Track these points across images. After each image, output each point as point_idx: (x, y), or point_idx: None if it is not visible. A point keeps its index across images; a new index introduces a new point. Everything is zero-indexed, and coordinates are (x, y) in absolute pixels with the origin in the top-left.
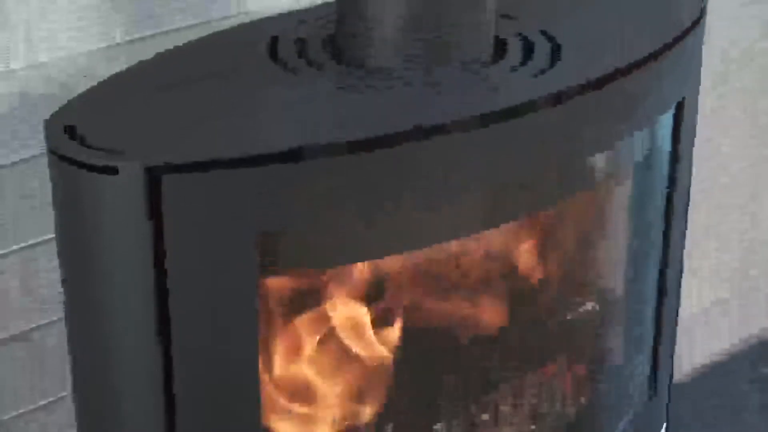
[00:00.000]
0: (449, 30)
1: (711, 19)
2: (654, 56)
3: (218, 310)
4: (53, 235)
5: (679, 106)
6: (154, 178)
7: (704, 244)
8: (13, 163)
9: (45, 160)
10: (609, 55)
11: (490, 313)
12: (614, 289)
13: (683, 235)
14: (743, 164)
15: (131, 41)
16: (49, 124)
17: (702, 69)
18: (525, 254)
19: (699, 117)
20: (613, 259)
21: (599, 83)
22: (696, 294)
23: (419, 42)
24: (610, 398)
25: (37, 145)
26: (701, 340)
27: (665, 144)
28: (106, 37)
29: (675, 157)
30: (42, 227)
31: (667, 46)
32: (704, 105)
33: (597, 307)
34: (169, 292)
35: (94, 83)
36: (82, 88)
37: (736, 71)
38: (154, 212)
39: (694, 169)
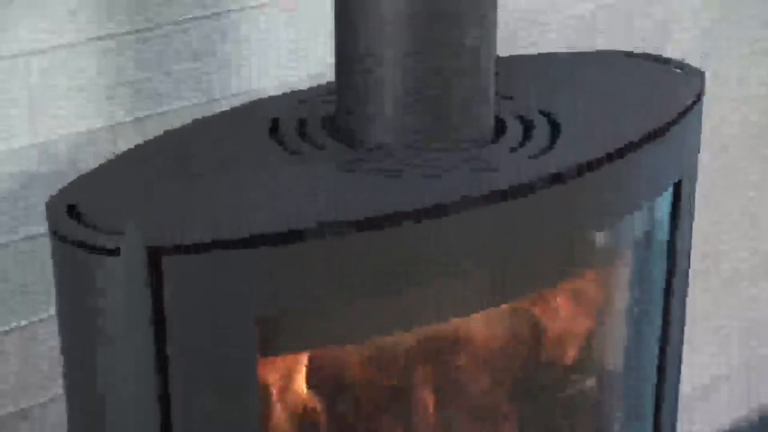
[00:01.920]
0: (449, 111)
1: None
2: (653, 136)
3: (219, 390)
4: (54, 313)
5: (678, 185)
6: (154, 258)
7: (705, 324)
8: (14, 242)
9: (46, 239)
10: (608, 136)
11: (487, 390)
12: (613, 368)
13: (683, 313)
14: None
15: (133, 120)
16: (50, 205)
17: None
18: (523, 331)
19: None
20: (613, 337)
21: (598, 163)
22: (696, 369)
23: (419, 123)
24: None
25: (38, 223)
26: (701, 417)
27: (664, 221)
28: (107, 116)
29: (674, 235)
30: (43, 305)
31: (667, 126)
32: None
33: (595, 384)
34: (170, 371)
35: (96, 164)
36: (83, 167)
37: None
38: (155, 292)
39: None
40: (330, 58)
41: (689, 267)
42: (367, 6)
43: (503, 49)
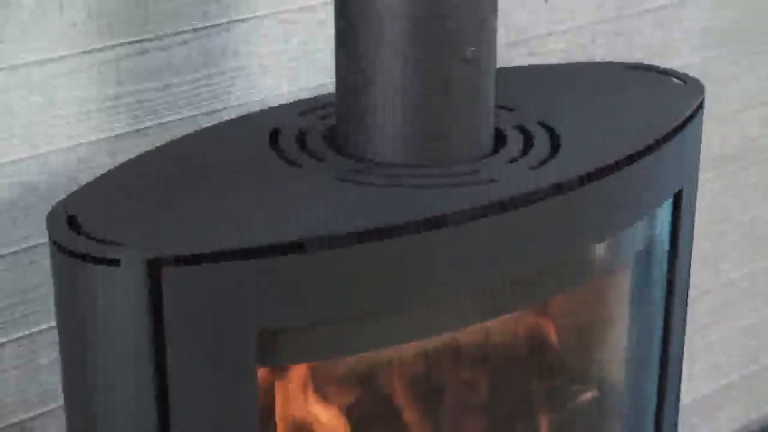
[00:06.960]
0: (449, 123)
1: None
2: (653, 147)
3: (218, 401)
4: (53, 324)
5: (678, 196)
6: (154, 270)
7: (705, 334)
8: (14, 253)
9: (45, 251)
10: (608, 147)
11: (487, 401)
12: (613, 381)
13: (684, 323)
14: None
15: (132, 132)
16: (51, 215)
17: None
18: (524, 343)
19: None
20: (613, 348)
21: (598, 174)
22: (696, 381)
23: (419, 135)
24: None
25: (38, 234)
26: (701, 428)
27: (665, 232)
28: (107, 128)
29: (674, 245)
30: (42, 316)
31: (667, 137)
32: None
33: (595, 395)
34: (169, 383)
35: (96, 175)
36: (83, 178)
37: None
38: (154, 304)
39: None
40: (330, 70)
41: (690, 276)
42: (367, 18)
43: (502, 61)
